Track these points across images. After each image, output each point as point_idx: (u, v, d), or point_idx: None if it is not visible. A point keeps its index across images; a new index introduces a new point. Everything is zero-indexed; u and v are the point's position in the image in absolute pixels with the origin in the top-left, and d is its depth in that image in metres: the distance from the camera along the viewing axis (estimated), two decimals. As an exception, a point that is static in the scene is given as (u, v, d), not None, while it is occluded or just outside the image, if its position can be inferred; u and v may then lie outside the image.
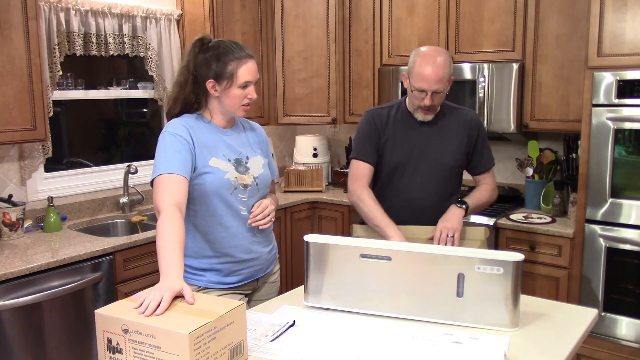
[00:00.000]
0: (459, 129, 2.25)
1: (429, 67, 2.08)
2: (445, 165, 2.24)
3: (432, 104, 2.14)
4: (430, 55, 2.11)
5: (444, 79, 2.10)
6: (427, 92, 2.11)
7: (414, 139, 2.24)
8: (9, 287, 2.27)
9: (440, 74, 2.08)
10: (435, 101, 2.15)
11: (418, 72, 2.10)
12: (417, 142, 2.24)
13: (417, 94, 2.14)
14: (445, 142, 2.24)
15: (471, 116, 2.30)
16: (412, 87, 2.14)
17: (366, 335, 1.53)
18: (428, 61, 2.09)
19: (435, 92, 2.11)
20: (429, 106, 2.15)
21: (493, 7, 3.21)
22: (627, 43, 2.59)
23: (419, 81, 2.11)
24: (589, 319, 1.66)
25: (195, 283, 1.90)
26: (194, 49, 1.87)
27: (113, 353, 1.32)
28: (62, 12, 2.93)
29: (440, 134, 2.24)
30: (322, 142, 4.15)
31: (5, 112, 2.51)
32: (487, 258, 1.54)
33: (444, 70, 2.09)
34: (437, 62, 2.08)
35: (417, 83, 2.11)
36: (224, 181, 1.85)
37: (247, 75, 1.85)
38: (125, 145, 3.68)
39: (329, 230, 3.70)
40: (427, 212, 2.21)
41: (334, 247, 1.66)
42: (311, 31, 3.88)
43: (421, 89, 2.11)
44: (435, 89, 2.10)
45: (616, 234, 2.68)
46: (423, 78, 2.09)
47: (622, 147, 2.63)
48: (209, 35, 1.92)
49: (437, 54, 2.11)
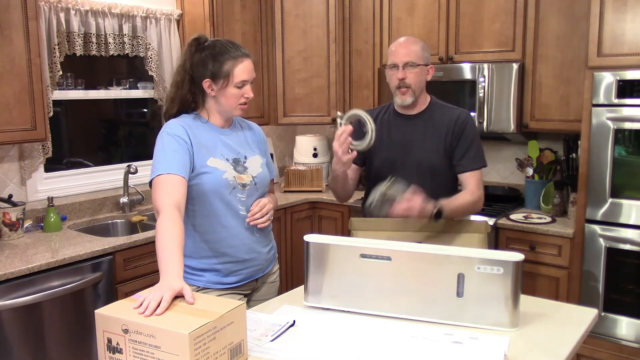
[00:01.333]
0: (444, 127, 2.20)
1: (397, 43, 2.20)
2: (428, 163, 2.20)
3: (404, 77, 2.16)
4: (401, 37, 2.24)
5: (414, 53, 2.16)
6: (398, 66, 2.16)
7: (399, 138, 2.24)
8: (9, 287, 2.27)
9: (409, 47, 2.17)
10: (410, 78, 2.16)
11: (391, 49, 2.21)
12: (402, 140, 2.23)
13: (391, 72, 2.20)
14: (429, 140, 2.21)
15: (459, 114, 2.23)
16: (387, 67, 2.22)
17: (366, 335, 1.53)
18: (398, 40, 2.22)
19: (406, 64, 2.15)
20: (403, 82, 2.16)
21: (493, 7, 3.21)
22: (627, 43, 2.59)
23: (390, 56, 2.20)
24: (589, 319, 1.66)
25: (194, 283, 1.90)
26: (190, 49, 1.88)
27: (113, 353, 1.32)
28: (62, 12, 2.93)
29: (425, 132, 2.22)
30: (322, 142, 4.15)
31: (5, 112, 2.52)
32: (487, 258, 1.54)
33: (414, 45, 2.18)
34: (407, 39, 2.20)
35: (390, 58, 2.20)
36: (222, 181, 1.85)
37: (243, 74, 1.85)
38: (125, 145, 3.68)
39: (329, 230, 3.70)
40: None
41: (334, 247, 1.66)
42: (311, 31, 3.88)
43: (392, 63, 2.18)
44: (406, 60, 2.15)
45: (616, 234, 2.68)
46: (392, 52, 2.20)
47: (622, 147, 2.63)
48: (204, 35, 1.92)
49: (407, 36, 2.25)
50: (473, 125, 2.24)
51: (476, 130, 2.25)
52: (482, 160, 2.22)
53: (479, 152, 2.22)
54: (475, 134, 2.23)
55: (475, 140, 2.22)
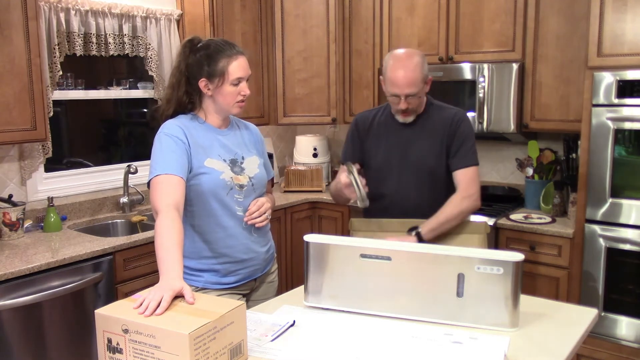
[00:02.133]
0: (440, 129, 2.19)
1: (400, 71, 2.06)
2: (426, 166, 2.19)
3: (407, 107, 2.12)
4: (401, 59, 2.09)
5: (416, 82, 2.07)
6: (400, 97, 2.10)
7: (396, 141, 2.23)
8: (9, 287, 2.27)
9: (411, 77, 2.06)
10: (412, 104, 2.13)
11: (390, 77, 2.09)
12: (399, 144, 2.22)
13: (392, 99, 2.14)
14: (426, 144, 2.19)
15: (454, 113, 2.21)
16: (387, 92, 2.14)
17: (366, 335, 1.53)
18: (399, 65, 2.08)
19: (408, 95, 2.09)
20: (405, 109, 2.13)
21: (493, 7, 3.21)
22: (627, 43, 2.59)
23: (391, 86, 2.10)
24: (589, 319, 1.66)
25: (193, 284, 1.90)
26: (185, 51, 1.89)
27: (113, 353, 1.32)
28: (62, 12, 2.93)
29: (422, 135, 2.21)
30: (322, 142, 4.15)
31: (5, 112, 2.52)
32: (487, 258, 1.54)
33: (415, 73, 2.06)
34: (407, 65, 2.07)
35: (390, 88, 2.11)
36: (219, 181, 1.85)
37: (238, 72, 1.85)
38: (125, 145, 3.68)
39: (329, 230, 3.70)
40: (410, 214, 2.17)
41: (334, 247, 1.66)
42: (311, 31, 3.88)
43: (394, 94, 2.11)
44: (408, 92, 2.08)
45: (616, 234, 2.68)
46: (394, 83, 2.08)
47: (622, 147, 2.63)
48: (198, 36, 1.93)
49: (408, 56, 2.09)
50: (468, 124, 2.22)
51: (471, 129, 2.23)
52: (473, 158, 2.17)
53: (471, 150, 2.18)
54: (469, 133, 2.20)
55: (468, 139, 2.18)
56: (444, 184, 2.21)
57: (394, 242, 1.67)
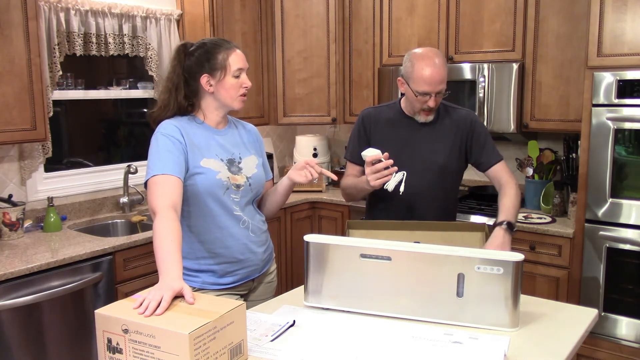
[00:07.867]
0: (450, 129, 2.23)
1: (429, 69, 2.08)
2: (436, 165, 2.21)
3: (436, 104, 2.15)
4: (428, 57, 2.10)
5: (445, 78, 2.12)
6: (431, 95, 2.11)
7: (405, 139, 2.23)
8: (9, 287, 2.27)
9: (442, 74, 2.09)
10: (438, 102, 2.17)
11: (419, 76, 2.09)
12: (408, 142, 2.23)
13: (420, 98, 2.14)
14: (436, 142, 2.22)
15: (464, 114, 2.26)
16: (415, 92, 2.13)
17: (366, 335, 1.53)
18: (428, 63, 2.09)
19: (439, 92, 2.12)
20: (433, 107, 2.15)
21: (493, 7, 3.21)
22: (627, 43, 2.59)
23: (422, 85, 2.10)
24: (589, 319, 1.66)
25: (190, 284, 1.89)
26: (180, 55, 1.90)
27: (113, 353, 1.32)
28: (62, 12, 2.93)
29: (432, 134, 2.23)
30: (322, 142, 4.15)
31: (5, 112, 2.52)
32: (487, 258, 1.54)
33: (444, 69, 2.11)
34: (436, 63, 2.09)
35: (420, 87, 2.10)
36: (216, 181, 1.85)
37: (238, 62, 1.88)
38: (125, 145, 3.68)
39: (329, 230, 3.70)
40: (418, 212, 2.19)
41: (334, 247, 1.66)
42: (311, 31, 3.88)
43: (425, 92, 2.11)
44: (440, 89, 2.11)
45: (616, 234, 2.68)
46: (426, 81, 2.09)
47: (622, 147, 2.63)
48: (190, 41, 1.96)
49: (434, 55, 2.12)
50: (481, 123, 2.29)
51: (485, 127, 2.31)
52: (499, 153, 2.25)
53: (494, 146, 2.26)
54: (486, 131, 2.28)
55: (487, 137, 2.26)
56: (451, 180, 2.27)
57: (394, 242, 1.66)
